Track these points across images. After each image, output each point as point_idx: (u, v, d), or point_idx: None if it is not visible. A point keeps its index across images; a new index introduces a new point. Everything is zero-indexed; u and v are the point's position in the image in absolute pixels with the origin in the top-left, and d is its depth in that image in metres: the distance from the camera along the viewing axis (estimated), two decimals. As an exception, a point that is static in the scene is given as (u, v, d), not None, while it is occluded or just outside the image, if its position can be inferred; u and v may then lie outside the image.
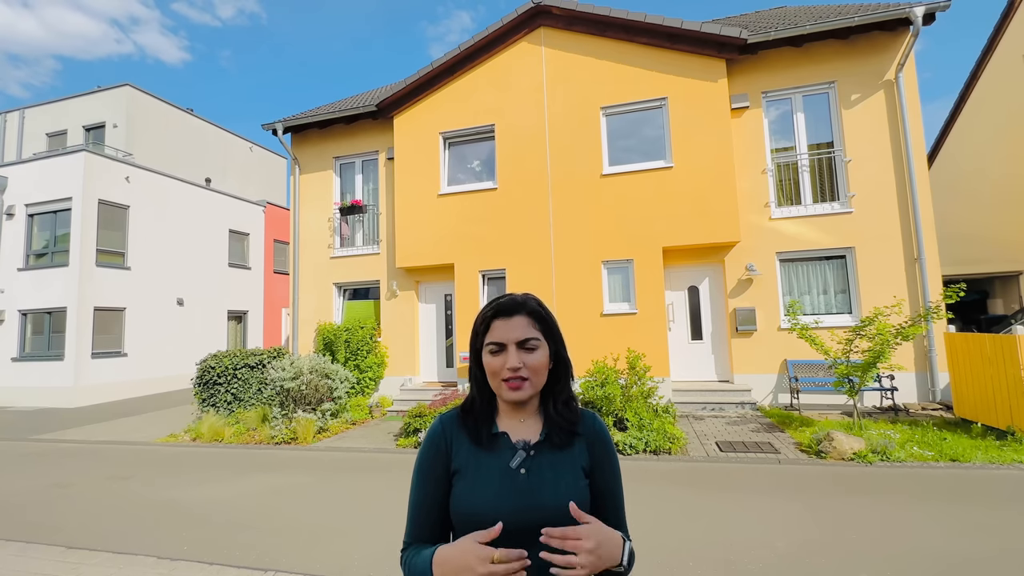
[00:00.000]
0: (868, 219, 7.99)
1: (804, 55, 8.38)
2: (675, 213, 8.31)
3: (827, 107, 8.46)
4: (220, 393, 8.81)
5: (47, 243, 12.78)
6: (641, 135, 8.85)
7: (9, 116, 18.80)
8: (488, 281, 9.48)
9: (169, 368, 13.97)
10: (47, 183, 12.74)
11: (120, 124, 17.04)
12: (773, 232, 8.37)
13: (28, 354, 12.53)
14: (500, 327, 1.05)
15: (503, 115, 9.36)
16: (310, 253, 10.91)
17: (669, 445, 5.88)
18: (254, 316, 17.62)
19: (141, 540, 4.00)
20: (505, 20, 9.21)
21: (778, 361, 8.18)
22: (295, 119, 10.68)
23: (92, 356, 12.18)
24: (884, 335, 6.07)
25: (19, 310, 12.63)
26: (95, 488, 5.49)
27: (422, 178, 9.76)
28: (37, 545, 3.97)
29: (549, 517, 0.98)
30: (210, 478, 5.73)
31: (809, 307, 8.33)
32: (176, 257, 14.72)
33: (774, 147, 8.70)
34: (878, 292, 7.72)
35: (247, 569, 3.45)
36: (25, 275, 12.69)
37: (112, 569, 3.52)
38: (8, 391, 12.37)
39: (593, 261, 8.67)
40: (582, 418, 1.12)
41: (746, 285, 8.42)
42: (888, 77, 8.04)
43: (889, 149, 8.00)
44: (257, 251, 17.96)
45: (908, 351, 7.59)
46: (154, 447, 7.44)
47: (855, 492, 4.49)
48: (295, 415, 7.56)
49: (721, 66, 8.32)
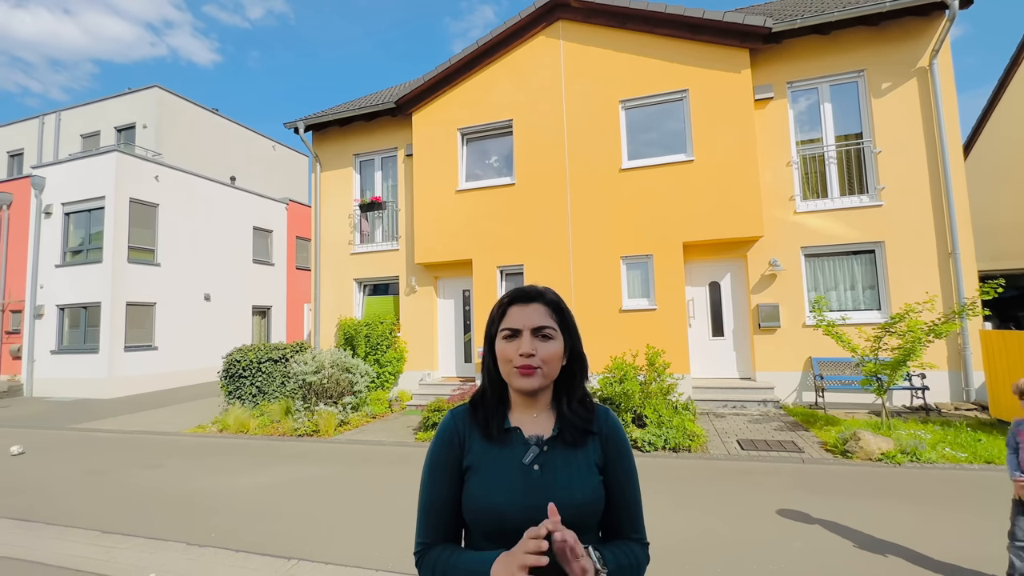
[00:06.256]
0: (899, 212, 7.71)
1: (831, 43, 8.11)
2: (696, 207, 8.16)
3: (856, 97, 8.18)
4: (245, 386, 9.04)
5: (82, 241, 13.28)
6: (661, 128, 8.71)
7: (47, 118, 19.55)
8: (506, 277, 9.48)
9: (197, 361, 14.40)
10: (81, 183, 13.23)
11: (149, 125, 17.55)
12: (798, 226, 8.16)
13: (66, 347, 13.06)
14: (516, 313, 1.04)
15: (521, 110, 9.32)
16: (331, 249, 11.09)
17: (689, 443, 5.80)
18: (277, 311, 18.01)
19: (170, 526, 4.14)
20: (523, 14, 9.15)
21: (803, 358, 7.99)
22: (316, 117, 10.84)
23: (125, 349, 12.65)
24: (915, 332, 5.86)
25: (57, 305, 13.17)
26: (128, 476, 5.71)
27: (440, 174, 9.80)
28: (74, 529, 4.15)
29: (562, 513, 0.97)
30: (236, 468, 5.90)
31: (836, 303, 8.10)
32: (203, 253, 15.14)
33: (799, 139, 8.46)
34: (909, 288, 7.46)
35: (271, 557, 3.54)
36: (62, 271, 13.22)
37: (143, 554, 3.66)
38: (47, 382, 12.95)
39: (612, 256, 8.58)
40: (596, 415, 1.09)
41: (769, 281, 8.23)
42: (921, 64, 7.73)
43: (922, 139, 7.69)
44: (280, 247, 18.33)
45: (941, 349, 7.31)
46: (183, 437, 7.69)
47: (882, 494, 4.36)
48: (317, 408, 7.71)
49: (744, 56, 8.11)
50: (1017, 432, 2.68)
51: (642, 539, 1.07)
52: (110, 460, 6.44)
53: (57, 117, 19.38)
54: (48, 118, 19.53)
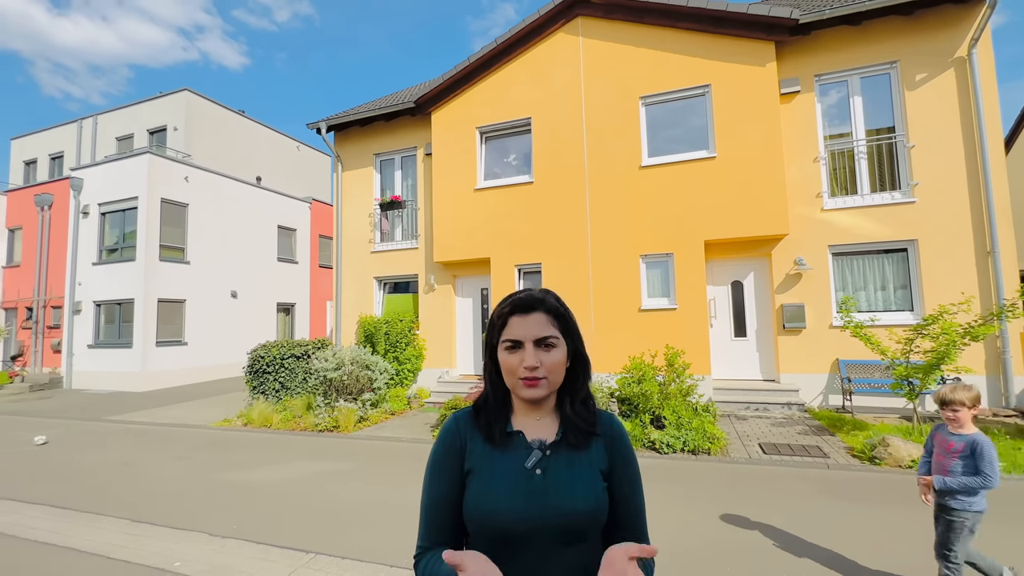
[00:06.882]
0: (933, 209, 7.39)
1: (862, 34, 7.81)
2: (718, 205, 7.99)
3: (888, 89, 7.87)
4: (269, 381, 9.27)
5: (117, 239, 13.82)
6: (682, 124, 8.54)
7: (84, 122, 20.40)
8: (524, 275, 9.47)
9: (224, 356, 14.84)
10: (116, 184, 13.76)
11: (180, 127, 18.13)
12: (825, 224, 7.90)
13: (102, 341, 13.63)
14: (517, 324, 1.02)
15: (540, 108, 9.28)
16: (352, 248, 11.26)
17: (708, 445, 5.70)
18: (301, 308, 18.41)
19: (195, 518, 4.28)
20: (542, 11, 9.09)
21: (829, 360, 7.75)
22: (337, 118, 11.01)
23: (156, 344, 13.12)
24: (950, 335, 5.61)
25: (94, 301, 13.74)
26: (157, 467, 5.92)
27: (459, 173, 9.84)
28: (107, 517, 4.32)
29: (564, 519, 0.96)
30: (259, 462, 6.05)
31: (865, 304, 7.82)
32: (230, 252, 15.58)
33: (827, 133, 8.19)
34: (944, 288, 7.15)
35: (290, 550, 3.62)
36: (99, 269, 13.79)
37: (171, 543, 3.79)
38: (85, 375, 13.55)
39: (631, 255, 8.48)
40: (600, 419, 1.08)
41: (795, 280, 8.00)
42: (959, 54, 7.38)
43: (959, 132, 7.35)
44: (303, 246, 18.73)
45: (978, 352, 6.99)
46: (210, 430, 7.93)
47: (912, 502, 4.19)
48: (337, 404, 7.85)
49: (770, 49, 7.89)
50: (934, 435, 2.73)
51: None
52: (142, 451, 6.69)
53: (94, 121, 20.19)
54: (86, 122, 20.37)
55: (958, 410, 2.58)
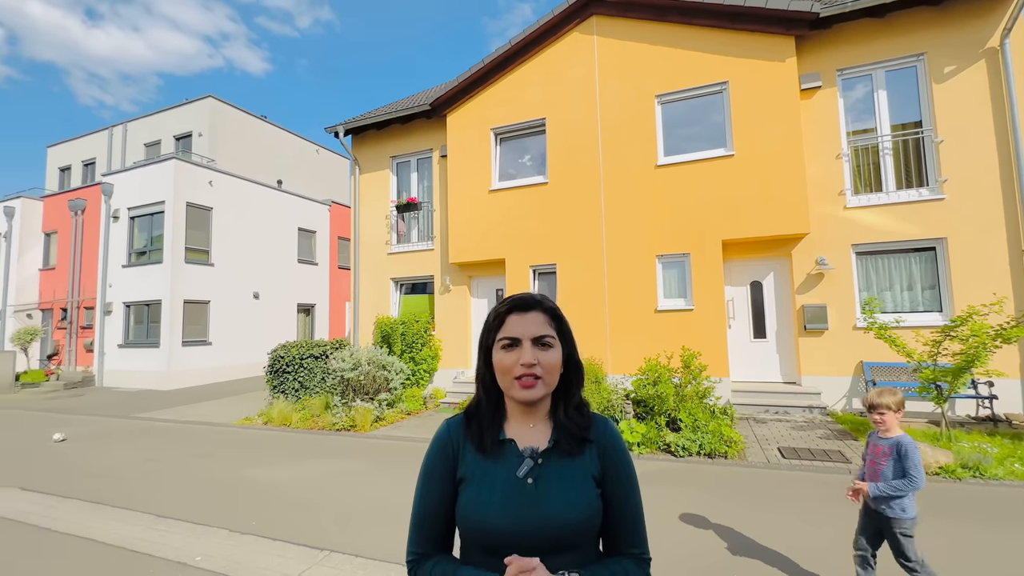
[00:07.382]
0: (963, 206, 7.12)
1: (887, 26, 7.58)
2: (736, 204, 7.84)
3: (914, 83, 7.61)
4: (288, 381, 9.46)
5: (145, 243, 14.30)
6: (699, 123, 8.42)
7: (115, 130, 21.15)
8: (539, 276, 9.46)
9: (246, 356, 15.20)
10: (144, 188, 14.23)
11: (204, 133, 18.65)
12: (848, 222, 7.69)
13: (131, 341, 14.11)
14: (515, 322, 1.02)
15: (554, 108, 9.26)
16: (369, 249, 11.41)
17: (725, 449, 5.60)
18: (320, 309, 18.74)
19: (216, 514, 4.39)
20: (556, 11, 9.07)
21: (853, 363, 7.53)
22: (354, 121, 11.17)
23: (182, 344, 13.53)
24: (980, 337, 5.40)
25: (124, 302, 14.24)
26: (181, 464, 6.10)
27: (474, 174, 9.88)
28: (132, 512, 4.47)
29: (557, 529, 0.95)
30: (278, 460, 6.18)
31: (891, 304, 7.58)
32: (252, 254, 15.96)
33: (850, 129, 7.96)
34: (975, 288, 6.88)
35: (305, 547, 3.69)
36: (128, 271, 14.28)
37: (192, 539, 3.90)
38: (115, 373, 14.04)
39: (647, 255, 8.39)
40: (593, 424, 1.06)
41: (816, 280, 7.81)
42: (991, 45, 7.09)
43: (991, 126, 7.07)
44: (323, 248, 19.06)
45: (1012, 355, 6.71)
46: (232, 429, 8.13)
47: (937, 511, 4.04)
48: (354, 404, 7.96)
49: (789, 44, 7.71)
50: (869, 442, 2.73)
51: (643, 554, 1.03)
52: (167, 448, 6.90)
53: (124, 128, 20.92)
54: (116, 129, 21.12)
55: (884, 413, 2.60)
